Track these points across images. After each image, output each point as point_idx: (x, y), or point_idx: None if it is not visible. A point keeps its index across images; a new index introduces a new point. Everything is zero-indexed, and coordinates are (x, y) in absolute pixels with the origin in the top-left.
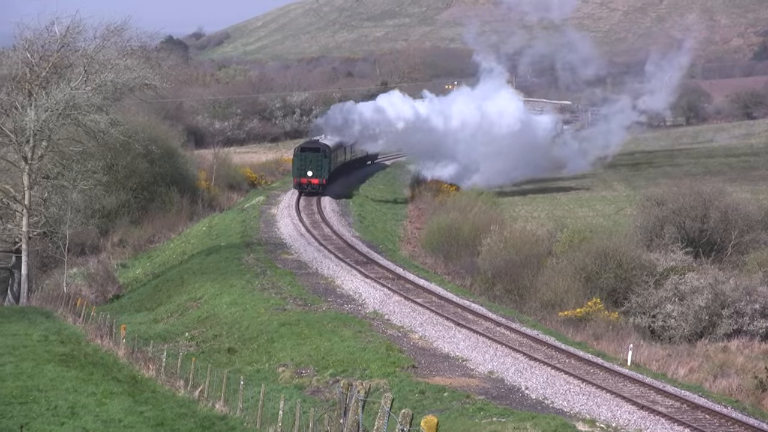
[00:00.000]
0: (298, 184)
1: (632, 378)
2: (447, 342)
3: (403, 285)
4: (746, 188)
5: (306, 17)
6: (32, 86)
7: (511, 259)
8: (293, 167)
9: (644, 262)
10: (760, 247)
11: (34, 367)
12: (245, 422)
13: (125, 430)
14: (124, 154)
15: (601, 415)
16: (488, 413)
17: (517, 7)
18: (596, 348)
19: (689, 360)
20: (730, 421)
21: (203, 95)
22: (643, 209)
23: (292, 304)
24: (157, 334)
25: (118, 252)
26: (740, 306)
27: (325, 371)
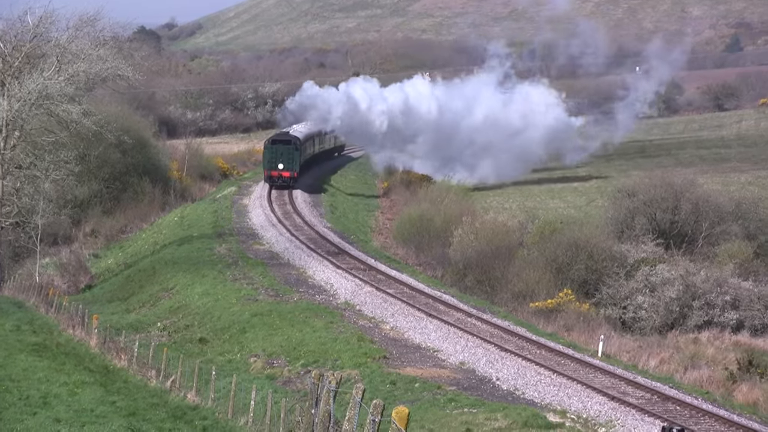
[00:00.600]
0: (269, 177)
1: (603, 369)
2: (418, 333)
3: (375, 276)
4: (717, 180)
5: (278, 8)
6: (5, 76)
7: (483, 250)
8: (264, 160)
9: (615, 253)
10: (730, 239)
11: (6, 357)
12: (217, 412)
13: (97, 420)
14: (96, 144)
15: (572, 406)
16: (459, 404)
17: None
18: (567, 339)
19: (660, 351)
20: (701, 413)
21: (175, 86)
22: (615, 201)
23: (264, 295)
24: (129, 325)
25: (90, 242)
26: (711, 298)
27: (297, 362)
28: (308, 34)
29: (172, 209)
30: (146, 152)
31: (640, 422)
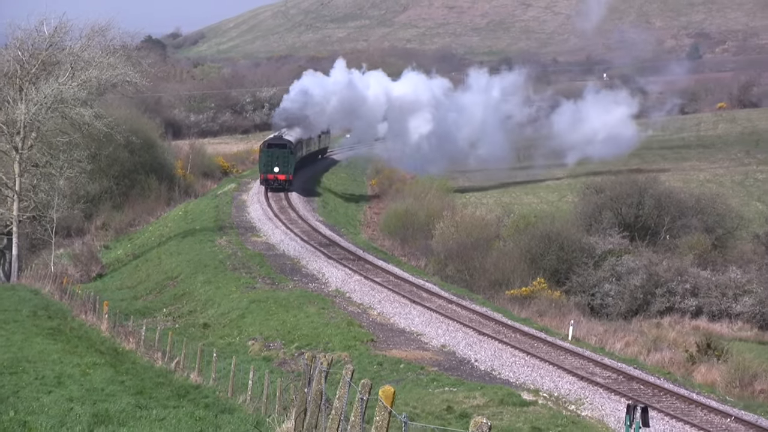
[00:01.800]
0: (265, 180)
1: (573, 351)
2: (403, 318)
3: (363, 265)
4: (678, 177)
5: (275, 19)
6: (23, 82)
7: (462, 242)
8: (260, 163)
9: (584, 245)
10: (690, 232)
11: (23, 340)
12: (218, 391)
13: (107, 398)
14: (107, 144)
15: (545, 386)
16: (441, 383)
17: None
18: (540, 324)
19: (625, 335)
20: (663, 391)
21: (180, 90)
22: (584, 196)
23: (261, 283)
24: (136, 310)
25: (101, 235)
26: (672, 286)
27: (291, 345)
28: (302, 43)
29: (177, 204)
30: (153, 152)
31: (607, 400)
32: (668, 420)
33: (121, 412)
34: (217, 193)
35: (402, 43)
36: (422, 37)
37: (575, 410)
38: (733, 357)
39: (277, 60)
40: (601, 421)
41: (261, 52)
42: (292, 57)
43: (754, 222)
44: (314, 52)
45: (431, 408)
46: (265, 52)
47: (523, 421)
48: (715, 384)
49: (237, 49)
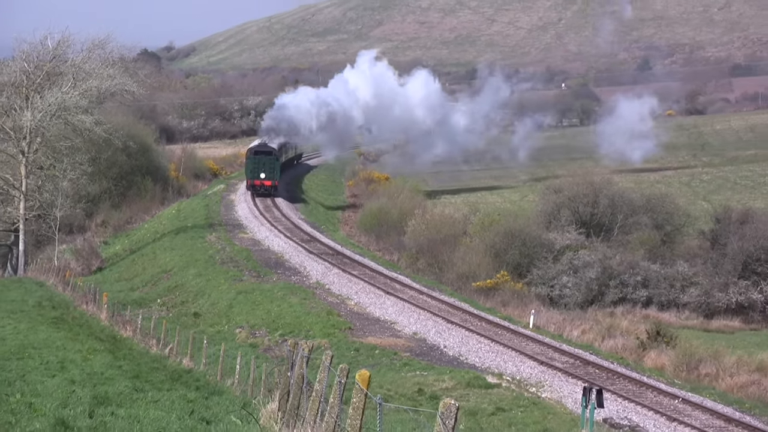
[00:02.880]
0: (252, 186)
1: (534, 338)
2: (378, 308)
3: (341, 260)
4: (630, 179)
5: (260, 33)
6: (29, 91)
7: (432, 238)
8: (246, 169)
9: (544, 240)
10: (641, 228)
11: (29, 328)
12: (208, 375)
13: (106, 381)
14: (106, 148)
15: (508, 370)
16: (413, 368)
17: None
18: (504, 313)
19: (582, 323)
20: (616, 375)
21: (173, 99)
22: (544, 196)
23: (248, 276)
24: (133, 301)
25: (100, 231)
26: (625, 278)
27: (276, 332)
28: (285, 55)
29: (171, 204)
30: (148, 155)
31: (565, 383)
32: (621, 401)
33: (119, 395)
34: (207, 193)
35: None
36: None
37: (536, 392)
38: (680, 343)
39: (262, 71)
40: (559, 402)
41: (247, 64)
42: (276, 68)
43: (699, 219)
44: (296, 63)
45: (404, 390)
46: (251, 64)
47: (488, 403)
48: (664, 368)
49: (226, 61)
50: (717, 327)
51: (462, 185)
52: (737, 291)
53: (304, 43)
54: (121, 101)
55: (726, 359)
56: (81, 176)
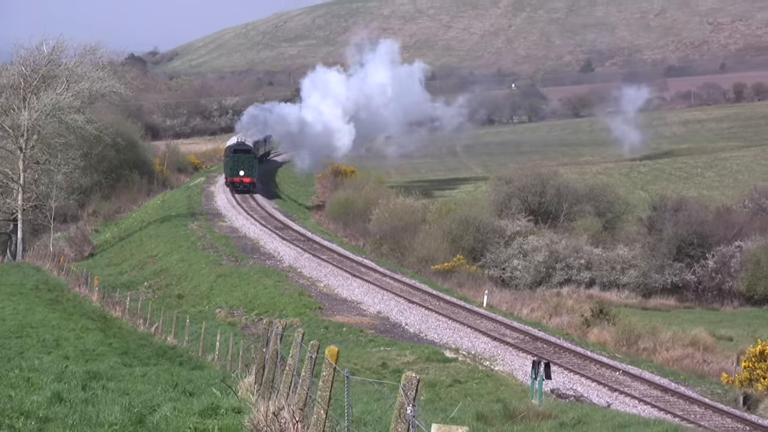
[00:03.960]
0: (231, 183)
1: (487, 316)
2: (345, 289)
3: (312, 245)
4: (575, 171)
5: (237, 39)
6: (26, 92)
7: (395, 225)
8: (226, 167)
9: (496, 227)
10: (585, 216)
11: (27, 309)
12: (190, 351)
13: (98, 357)
14: (96, 144)
15: (464, 345)
16: (377, 344)
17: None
18: (460, 293)
19: (531, 302)
20: (563, 350)
21: (157, 99)
22: (495, 186)
23: (227, 261)
24: (122, 284)
25: (92, 220)
26: (570, 261)
27: (252, 312)
28: (260, 59)
29: (156, 195)
30: (135, 151)
31: (515, 357)
32: (567, 373)
33: (109, 369)
34: (189, 185)
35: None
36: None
37: (489, 366)
38: (620, 321)
39: (239, 74)
40: (511, 374)
41: (225, 67)
42: (251, 71)
43: (638, 207)
44: (270, 66)
45: (369, 364)
46: (229, 67)
47: (446, 375)
48: (606, 343)
49: (205, 65)
50: (654, 305)
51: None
52: (672, 272)
53: (277, 47)
54: (110, 101)
55: (662, 335)
56: (74, 170)
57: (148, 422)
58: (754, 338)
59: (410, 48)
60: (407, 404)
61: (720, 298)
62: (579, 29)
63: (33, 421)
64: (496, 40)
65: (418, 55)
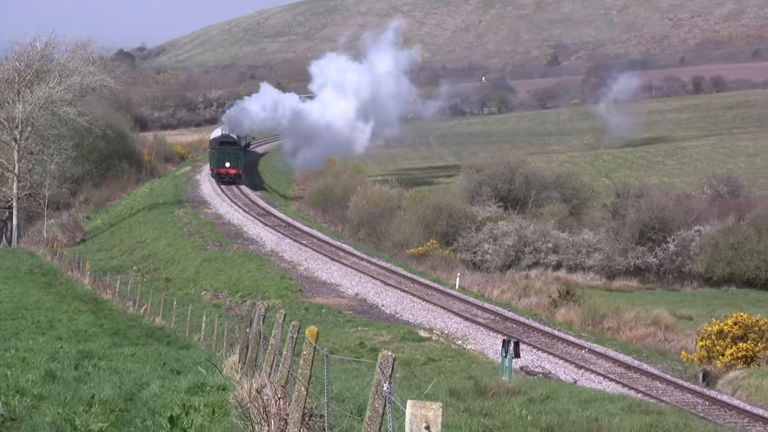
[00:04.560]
0: (217, 174)
1: (459, 298)
2: (324, 272)
3: (293, 231)
4: (542, 159)
5: (221, 35)
6: (20, 87)
7: (372, 211)
8: (212, 159)
9: (468, 213)
10: (552, 202)
11: (22, 292)
12: (177, 332)
13: (89, 338)
14: (87, 135)
15: (437, 325)
16: (355, 324)
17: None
18: (433, 276)
19: (501, 284)
20: (531, 329)
21: (145, 93)
22: (467, 174)
23: (212, 246)
24: (112, 268)
25: (83, 208)
26: (538, 245)
27: (236, 294)
28: (243, 54)
29: (144, 183)
30: (124, 141)
31: (486, 336)
32: (535, 351)
33: (101, 349)
34: (176, 174)
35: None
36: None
37: (461, 344)
38: (586, 301)
39: (222, 68)
40: (482, 353)
41: (210, 62)
42: (235, 65)
43: (602, 194)
44: (252, 61)
45: (347, 344)
46: (213, 62)
47: (420, 354)
48: (572, 323)
49: (191, 60)
50: (618, 287)
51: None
52: (635, 255)
53: (259, 43)
54: (101, 95)
55: (626, 315)
56: (66, 160)
57: (138, 399)
58: (712, 318)
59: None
60: (384, 381)
61: (680, 279)
62: (546, 25)
63: (28, 398)
64: (467, 35)
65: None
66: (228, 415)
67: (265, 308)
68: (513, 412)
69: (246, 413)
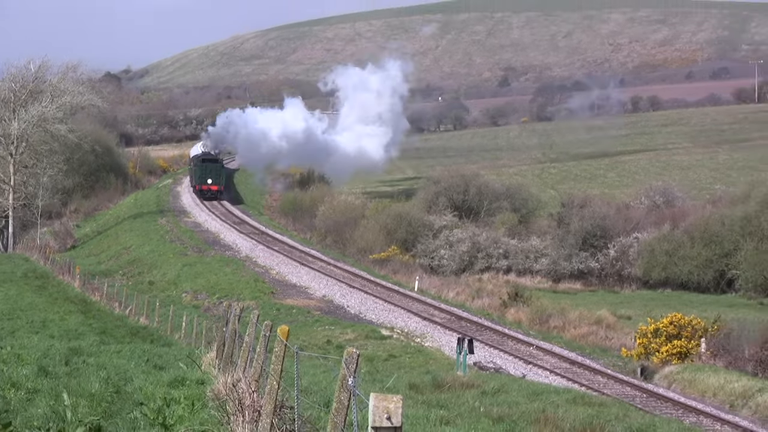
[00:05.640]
0: (200, 191)
1: (418, 299)
2: (295, 276)
3: (266, 238)
4: (494, 172)
5: (200, 59)
6: (15, 105)
7: (338, 220)
8: (195, 176)
9: (426, 221)
10: (502, 211)
11: (17, 294)
12: (160, 330)
13: (79, 336)
14: (77, 150)
15: (398, 324)
16: (322, 323)
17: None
18: (394, 279)
19: (456, 287)
20: (483, 328)
21: (131, 111)
22: (425, 186)
23: (191, 251)
24: (100, 272)
25: (74, 216)
26: (490, 251)
27: (214, 296)
28: (220, 75)
29: (129, 194)
30: (111, 156)
31: (443, 334)
32: (488, 348)
33: (89, 346)
34: (159, 186)
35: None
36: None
37: (420, 342)
38: (534, 302)
39: (201, 89)
40: (438, 350)
41: (190, 83)
42: (212, 86)
43: (548, 204)
44: (228, 82)
45: (316, 341)
46: (193, 83)
47: (383, 350)
48: (521, 322)
49: (172, 81)
50: (563, 289)
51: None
52: (578, 260)
53: (235, 66)
54: (89, 113)
55: (570, 314)
56: (58, 173)
57: (124, 392)
58: (648, 318)
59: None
60: (349, 376)
61: (620, 282)
62: (497, 49)
63: (22, 391)
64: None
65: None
66: (206, 407)
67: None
68: (467, 404)
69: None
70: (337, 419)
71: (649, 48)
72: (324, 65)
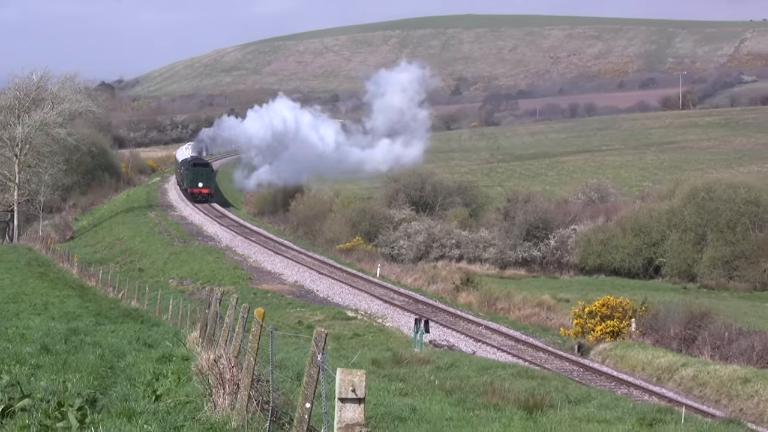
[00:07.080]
0: (191, 194)
1: (379, 284)
2: (270, 264)
3: (244, 230)
4: (447, 171)
5: (185, 70)
6: (20, 111)
7: (308, 213)
8: (186, 180)
9: (387, 215)
10: (455, 206)
11: (21, 280)
12: (149, 312)
13: (77, 318)
14: (75, 152)
15: (361, 307)
16: (294, 306)
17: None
18: (358, 266)
19: (414, 273)
20: (438, 309)
21: (123, 117)
22: (386, 183)
23: (177, 242)
24: (96, 260)
25: (72, 211)
26: (444, 241)
27: (198, 282)
28: (203, 85)
29: (122, 191)
30: (106, 157)
31: (402, 315)
32: (442, 328)
33: (86, 327)
34: (148, 183)
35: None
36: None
37: (381, 322)
38: (483, 287)
39: (187, 97)
40: (398, 329)
41: (176, 92)
42: (196, 95)
43: (496, 199)
44: (211, 91)
45: (288, 322)
46: (179, 92)
47: (348, 330)
48: (472, 304)
49: (161, 90)
50: (509, 275)
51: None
52: (522, 249)
53: (216, 76)
54: (86, 118)
55: (515, 298)
56: (58, 172)
57: (117, 367)
58: (579, 302)
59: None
60: (318, 353)
61: (560, 269)
62: (450, 61)
63: (26, 367)
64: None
65: (326, 82)
66: (191, 380)
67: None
68: (423, 378)
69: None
70: (308, 391)
71: (585, 60)
72: (296, 76)
